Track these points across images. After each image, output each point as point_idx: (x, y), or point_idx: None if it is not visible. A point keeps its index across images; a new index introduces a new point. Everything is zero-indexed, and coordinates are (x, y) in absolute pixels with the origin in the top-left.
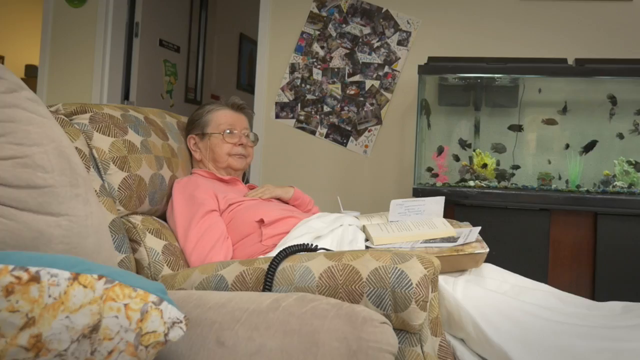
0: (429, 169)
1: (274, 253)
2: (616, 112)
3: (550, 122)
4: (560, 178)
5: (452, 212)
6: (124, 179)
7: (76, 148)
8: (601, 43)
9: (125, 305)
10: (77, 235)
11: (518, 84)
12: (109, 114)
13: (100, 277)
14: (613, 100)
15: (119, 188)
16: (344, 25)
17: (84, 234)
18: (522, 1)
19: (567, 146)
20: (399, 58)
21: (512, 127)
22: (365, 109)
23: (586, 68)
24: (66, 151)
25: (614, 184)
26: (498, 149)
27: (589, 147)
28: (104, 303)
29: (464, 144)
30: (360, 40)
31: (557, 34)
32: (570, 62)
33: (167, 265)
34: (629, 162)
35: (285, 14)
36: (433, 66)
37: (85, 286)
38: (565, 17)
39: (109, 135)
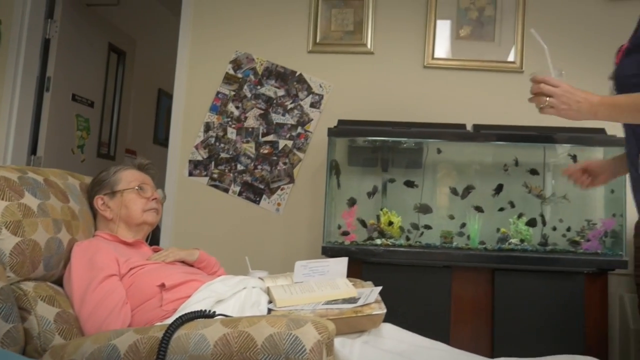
0: (339, 227)
1: (173, 318)
2: (510, 173)
3: (455, 192)
4: (462, 234)
5: (360, 270)
6: (17, 244)
7: None
8: (497, 110)
9: None
10: None
11: (422, 146)
12: (5, 176)
13: None
14: (516, 162)
15: (10, 254)
16: (259, 87)
17: None
18: (425, 69)
19: (479, 208)
20: (312, 119)
21: (407, 183)
22: (278, 168)
23: (482, 133)
24: None
25: (510, 241)
26: (423, 209)
27: (498, 189)
28: None
29: (375, 192)
30: (275, 101)
31: (457, 101)
32: (469, 127)
33: (59, 334)
34: (519, 217)
35: (202, 74)
36: (342, 129)
37: None
38: (465, 86)
39: (3, 199)
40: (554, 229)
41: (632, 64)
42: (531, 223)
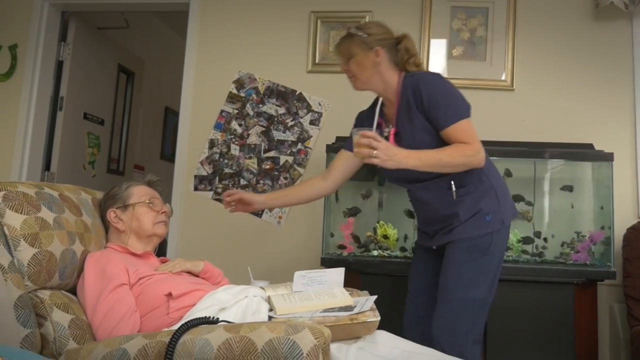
0: (332, 234)
1: (179, 325)
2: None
3: None
4: None
5: (357, 280)
6: (34, 255)
7: None
8: (489, 127)
9: None
10: None
11: None
12: (23, 192)
13: None
14: (505, 172)
15: (28, 264)
16: (260, 105)
17: None
18: None
19: None
20: (311, 136)
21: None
22: (279, 183)
23: None
24: None
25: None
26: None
27: None
28: None
29: (369, 195)
30: (276, 119)
31: None
32: None
33: (73, 339)
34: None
35: (207, 93)
36: (340, 145)
37: None
38: None
39: (21, 213)
40: (545, 240)
41: (428, 142)
42: (527, 241)
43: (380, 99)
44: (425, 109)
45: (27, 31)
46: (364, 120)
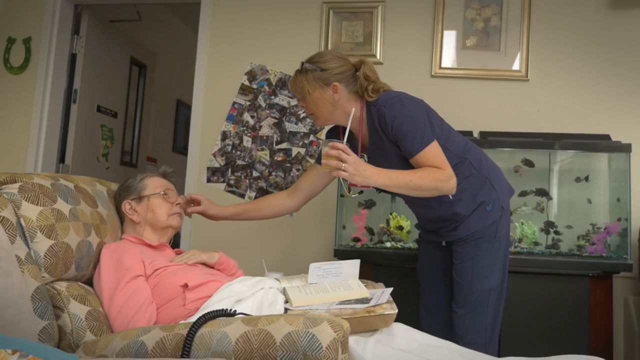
0: (344, 227)
1: (196, 317)
2: (522, 175)
3: None
4: None
5: (371, 271)
6: (51, 246)
7: (3, 217)
8: (502, 117)
9: None
10: None
11: None
12: (39, 183)
13: (14, 352)
14: (526, 162)
15: (44, 256)
16: (272, 97)
17: (3, 305)
18: (433, 78)
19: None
20: (323, 128)
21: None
22: (291, 174)
23: (489, 140)
24: None
25: (515, 244)
26: None
27: None
28: None
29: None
30: (288, 110)
31: (464, 109)
32: (476, 134)
33: (90, 331)
34: (523, 222)
35: (218, 85)
36: None
37: None
38: (472, 94)
39: (37, 204)
40: (557, 232)
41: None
42: (547, 230)
43: (349, 124)
44: (393, 138)
45: (40, 24)
46: (334, 138)
